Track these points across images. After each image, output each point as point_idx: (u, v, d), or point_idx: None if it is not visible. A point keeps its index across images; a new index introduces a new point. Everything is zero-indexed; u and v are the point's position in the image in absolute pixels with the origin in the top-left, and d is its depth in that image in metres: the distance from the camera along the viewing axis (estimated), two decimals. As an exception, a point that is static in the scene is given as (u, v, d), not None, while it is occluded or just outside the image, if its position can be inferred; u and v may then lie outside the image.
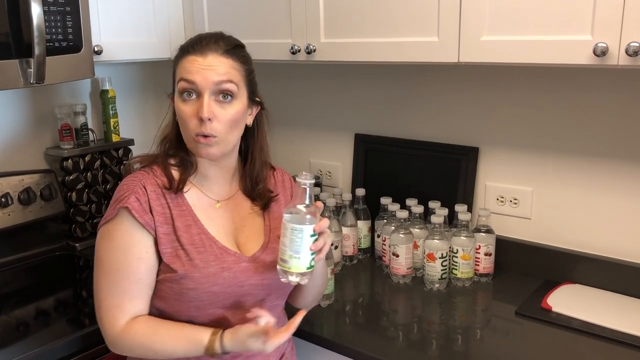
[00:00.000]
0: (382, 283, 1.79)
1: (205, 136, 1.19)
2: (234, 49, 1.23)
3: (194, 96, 1.19)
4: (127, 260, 1.19)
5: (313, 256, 1.17)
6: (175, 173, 1.26)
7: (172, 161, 1.28)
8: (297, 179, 1.15)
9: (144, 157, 1.30)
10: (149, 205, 1.20)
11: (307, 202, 1.15)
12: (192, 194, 1.27)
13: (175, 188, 1.24)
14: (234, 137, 1.24)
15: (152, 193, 1.22)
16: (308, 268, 1.17)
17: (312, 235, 1.15)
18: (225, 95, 1.20)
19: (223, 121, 1.19)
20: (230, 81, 1.20)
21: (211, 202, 1.29)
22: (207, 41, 1.21)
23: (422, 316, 1.58)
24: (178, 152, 1.27)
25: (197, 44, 1.21)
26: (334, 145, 2.17)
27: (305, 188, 1.15)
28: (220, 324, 1.22)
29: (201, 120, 1.17)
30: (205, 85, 1.18)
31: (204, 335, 1.18)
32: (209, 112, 1.17)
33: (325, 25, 1.66)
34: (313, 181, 1.15)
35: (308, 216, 1.15)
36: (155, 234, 1.20)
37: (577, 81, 1.64)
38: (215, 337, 1.17)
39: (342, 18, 1.62)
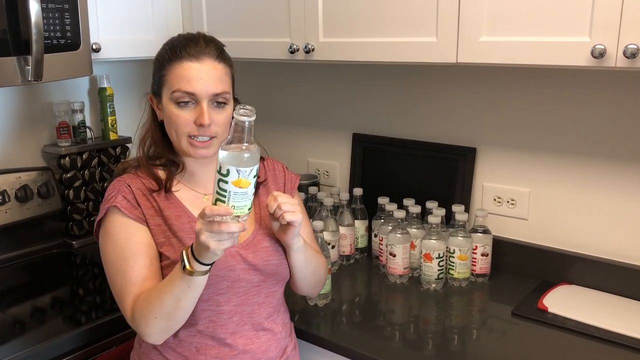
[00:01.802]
0: (379, 283, 1.79)
1: (203, 138, 1.23)
2: (222, 52, 1.27)
3: (190, 104, 1.23)
4: (132, 247, 1.22)
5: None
6: (161, 173, 1.31)
7: (157, 162, 1.32)
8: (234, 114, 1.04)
9: (127, 163, 1.33)
10: (136, 201, 1.25)
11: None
12: (180, 191, 1.31)
13: (165, 188, 1.28)
14: (225, 135, 1.27)
15: (137, 190, 1.26)
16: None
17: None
18: (221, 103, 1.25)
19: (220, 124, 1.25)
20: (226, 92, 1.25)
21: (198, 196, 1.32)
22: (199, 44, 1.23)
23: (419, 316, 1.58)
24: (164, 153, 1.30)
25: (190, 48, 1.23)
26: (332, 145, 2.17)
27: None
28: (214, 308, 1.24)
29: (201, 126, 1.21)
30: (205, 95, 1.22)
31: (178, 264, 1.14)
32: (209, 119, 1.22)
33: (324, 25, 1.66)
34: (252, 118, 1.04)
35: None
36: (148, 225, 1.24)
37: (574, 82, 1.64)
38: (182, 252, 1.12)
39: (341, 18, 1.62)
